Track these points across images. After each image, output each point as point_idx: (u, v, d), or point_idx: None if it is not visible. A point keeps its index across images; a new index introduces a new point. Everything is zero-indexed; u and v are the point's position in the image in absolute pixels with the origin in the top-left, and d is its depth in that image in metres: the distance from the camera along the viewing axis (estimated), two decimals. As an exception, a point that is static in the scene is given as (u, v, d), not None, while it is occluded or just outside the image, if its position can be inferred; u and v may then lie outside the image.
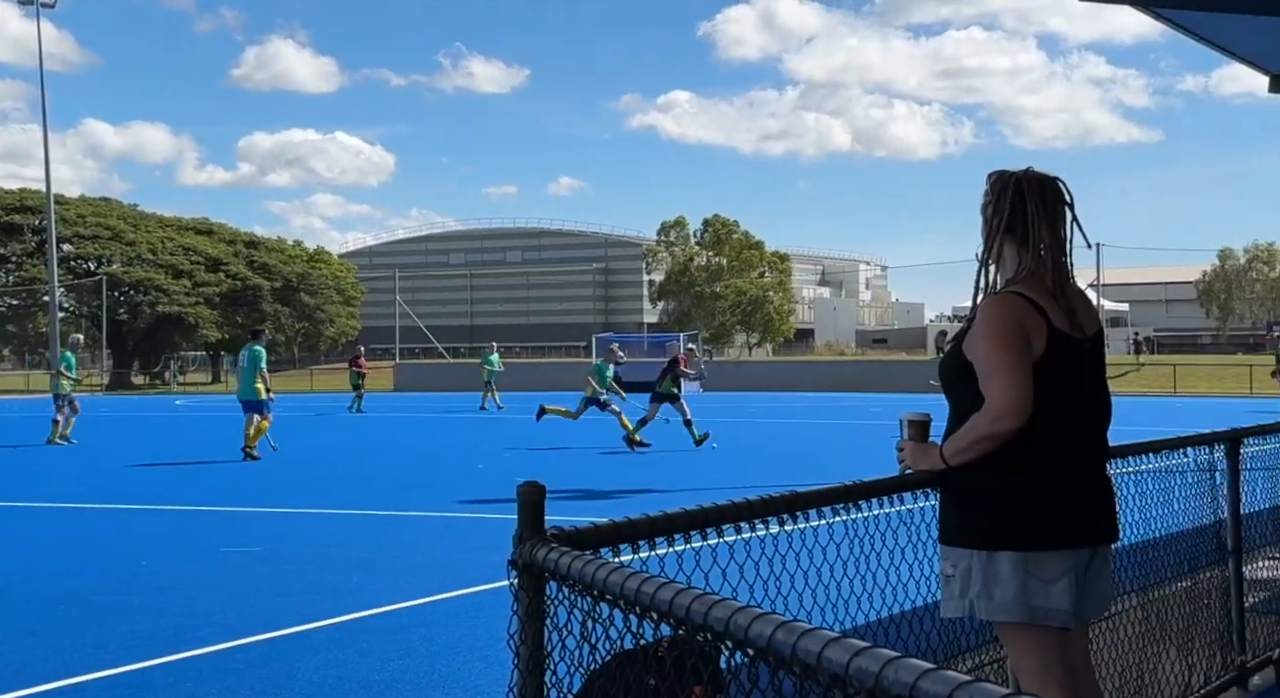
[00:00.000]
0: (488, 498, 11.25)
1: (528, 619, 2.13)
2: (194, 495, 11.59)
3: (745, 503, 2.62)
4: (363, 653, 5.34)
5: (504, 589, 6.73)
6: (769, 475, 12.98)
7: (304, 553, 8.07)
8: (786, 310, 78.37)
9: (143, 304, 58.33)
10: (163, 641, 5.57)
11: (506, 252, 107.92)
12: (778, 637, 1.38)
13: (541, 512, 2.20)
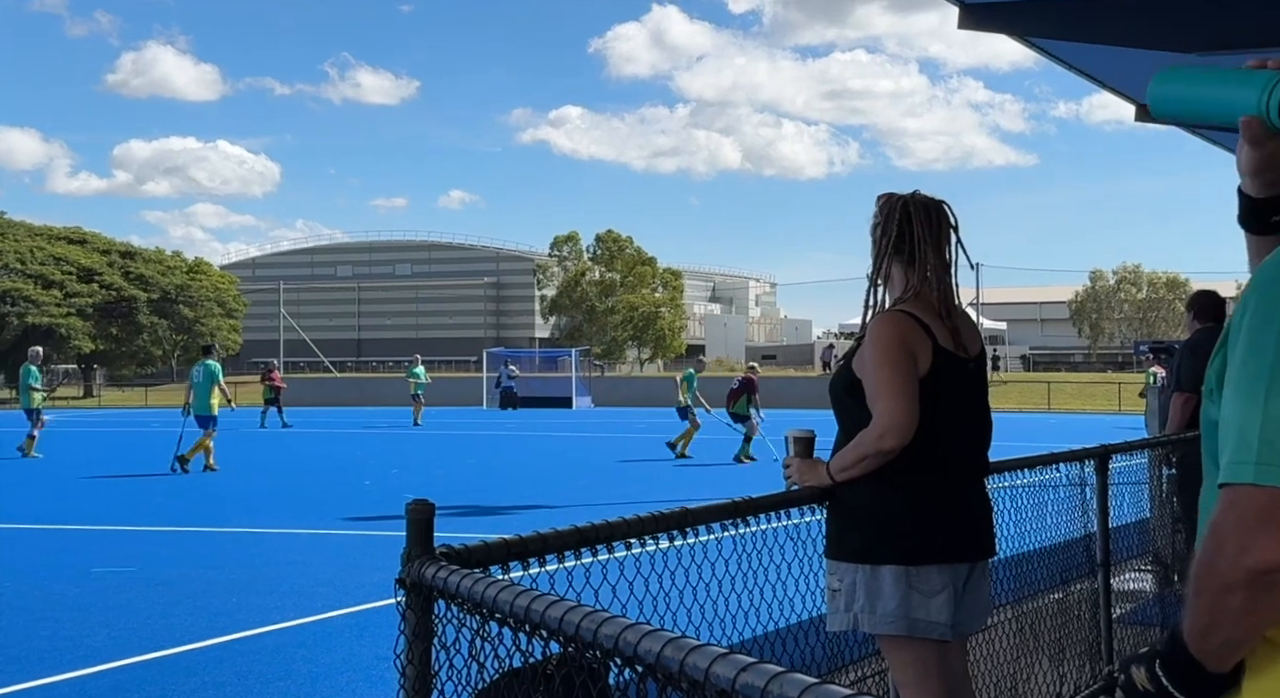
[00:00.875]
0: (374, 515, 11.06)
1: (415, 639, 2.11)
2: (67, 514, 11.13)
3: (636, 519, 2.63)
4: (240, 675, 5.19)
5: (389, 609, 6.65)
6: (657, 491, 13.04)
7: (181, 573, 7.82)
8: (678, 326, 78.99)
9: (10, 315, 55.89)
10: (24, 664, 5.33)
11: (396, 265, 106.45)
12: (666, 653, 1.39)
13: (430, 529, 2.18)
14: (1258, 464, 1.19)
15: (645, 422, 31.18)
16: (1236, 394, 1.25)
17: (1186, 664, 1.30)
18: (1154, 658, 1.33)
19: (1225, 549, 1.20)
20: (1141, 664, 1.35)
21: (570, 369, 45.27)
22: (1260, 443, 1.20)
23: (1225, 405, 1.28)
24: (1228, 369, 1.30)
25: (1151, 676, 1.33)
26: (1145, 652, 1.37)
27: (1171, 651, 1.31)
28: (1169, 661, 1.32)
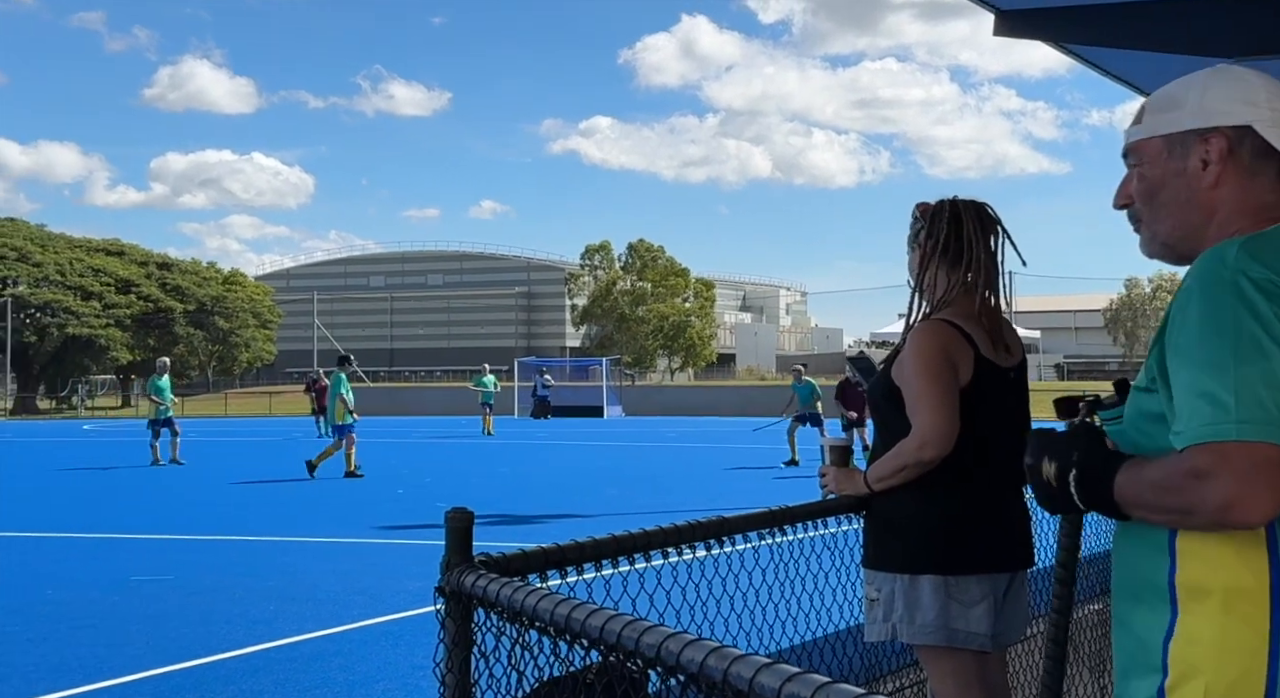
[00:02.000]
0: (408, 524, 11.10)
1: (454, 647, 2.11)
2: (105, 523, 11.25)
3: (674, 528, 2.63)
4: (278, 684, 5.22)
5: (425, 617, 6.67)
6: (691, 499, 13.02)
7: (219, 582, 7.88)
8: (708, 335, 78.91)
9: (50, 326, 56.67)
10: (66, 672, 5.38)
11: (428, 275, 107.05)
12: (709, 663, 1.38)
13: (469, 538, 2.18)
14: (1239, 422, 1.35)
15: (676, 431, 31.15)
16: (1199, 368, 1.41)
17: (1102, 496, 1.51)
18: (1070, 468, 1.54)
19: (1210, 495, 1.36)
20: (1054, 462, 1.56)
21: (601, 378, 45.32)
22: (1237, 403, 1.35)
23: (1182, 384, 1.42)
24: (1176, 355, 1.45)
25: (1061, 479, 1.55)
26: (1063, 450, 1.56)
27: (1097, 478, 1.51)
28: (1086, 479, 1.52)
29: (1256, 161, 1.57)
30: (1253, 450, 1.35)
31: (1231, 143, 1.57)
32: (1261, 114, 1.57)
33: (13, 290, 56.34)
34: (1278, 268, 1.44)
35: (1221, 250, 1.48)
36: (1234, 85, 1.60)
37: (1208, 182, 1.58)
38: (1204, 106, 1.59)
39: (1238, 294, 1.42)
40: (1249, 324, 1.40)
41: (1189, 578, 1.48)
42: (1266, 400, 1.36)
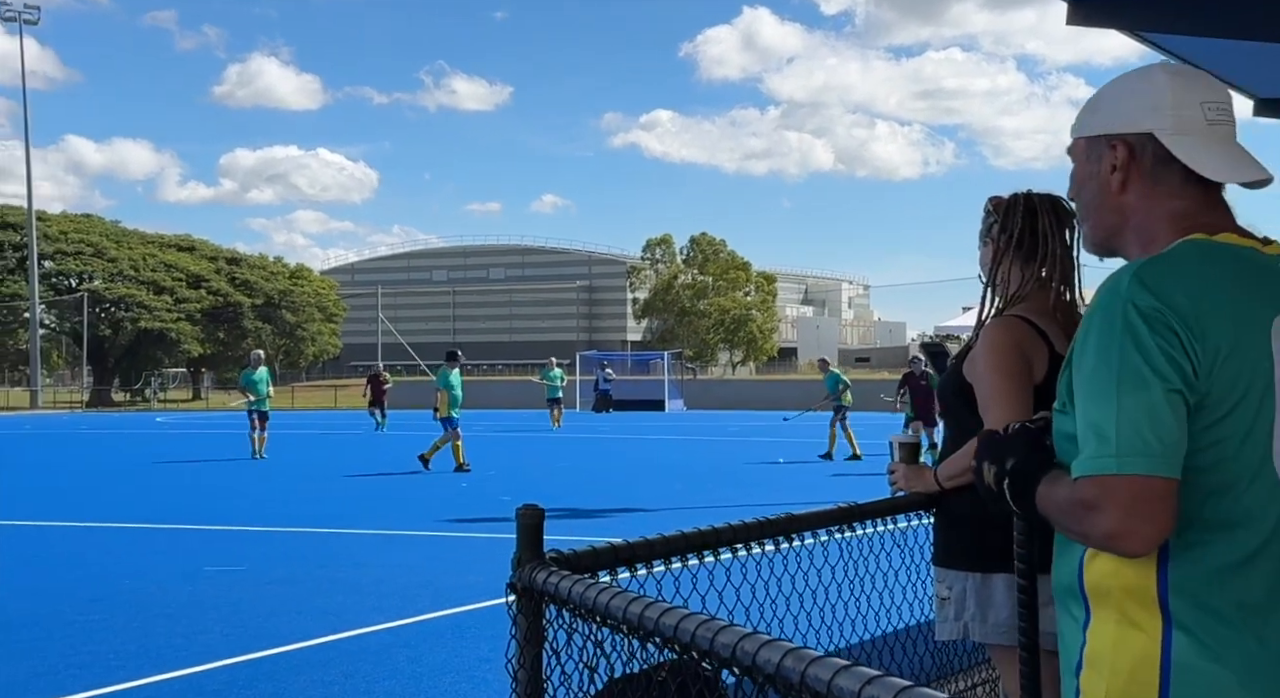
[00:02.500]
0: (472, 517, 11.21)
1: (526, 643, 2.12)
2: (178, 513, 11.50)
3: (742, 525, 2.62)
4: (347, 675, 5.30)
5: (489, 610, 6.72)
6: (754, 494, 12.98)
7: (289, 573, 8.02)
8: (770, 329, 78.55)
9: (124, 320, 58.02)
10: (145, 661, 5.51)
11: (490, 269, 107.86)
12: (786, 664, 1.38)
13: (540, 534, 2.19)
14: (1119, 456, 1.41)
15: (738, 425, 31.08)
16: (1089, 400, 1.47)
17: (1026, 500, 1.60)
18: (1004, 475, 1.64)
19: (1096, 525, 1.43)
20: (994, 466, 1.67)
21: (663, 372, 45.34)
22: (1118, 437, 1.42)
23: (1078, 413, 1.49)
24: (1075, 380, 1.51)
25: (998, 480, 1.66)
26: (1001, 454, 1.66)
27: (1022, 482, 1.61)
28: (1016, 485, 1.62)
29: (1158, 169, 1.59)
30: (1132, 484, 1.41)
31: (1134, 150, 1.60)
32: (1164, 121, 1.58)
33: (89, 285, 57.77)
34: (1165, 295, 1.46)
35: (1118, 277, 1.51)
36: (1142, 90, 1.61)
37: (1115, 187, 1.62)
38: (1114, 111, 1.62)
39: (1125, 325, 1.45)
40: (1132, 356, 1.44)
41: (1092, 581, 1.54)
42: (1147, 432, 1.41)
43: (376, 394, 28.54)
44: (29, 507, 12.34)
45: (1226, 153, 1.59)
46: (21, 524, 10.88)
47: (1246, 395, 1.46)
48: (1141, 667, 1.47)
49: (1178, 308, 1.45)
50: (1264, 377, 1.48)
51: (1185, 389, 1.43)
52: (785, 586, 2.86)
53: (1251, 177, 1.59)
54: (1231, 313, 1.47)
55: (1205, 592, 1.47)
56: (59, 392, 60.79)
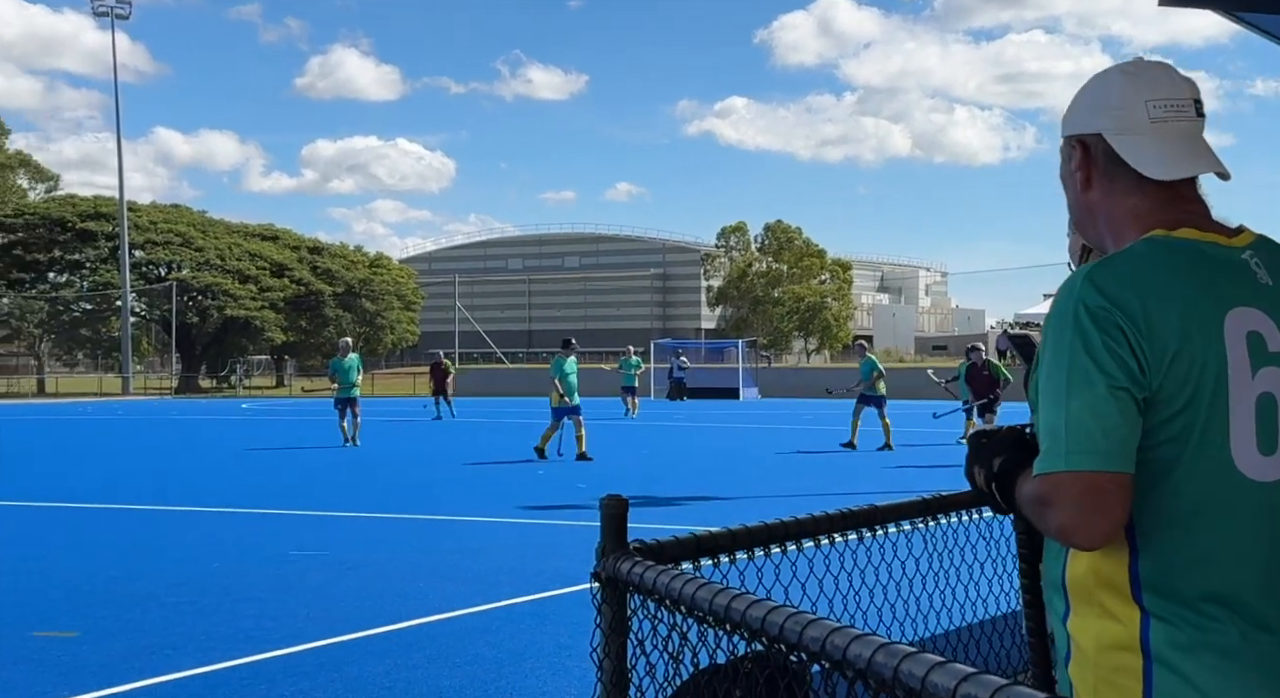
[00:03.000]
0: (548, 504, 11.30)
1: (611, 633, 2.13)
2: (262, 499, 11.78)
3: (825, 517, 2.60)
4: (430, 659, 5.38)
5: (568, 597, 6.77)
6: (831, 483, 12.89)
7: (368, 558, 8.16)
8: (845, 317, 77.84)
9: (210, 308, 59.44)
10: (235, 643, 5.66)
11: (564, 257, 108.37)
12: (877, 659, 1.36)
13: (624, 524, 2.20)
14: (1068, 453, 1.47)
15: (813, 413, 30.85)
16: (1045, 399, 1.54)
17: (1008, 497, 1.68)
18: (992, 477, 1.71)
19: (1049, 520, 1.51)
20: (983, 470, 1.73)
21: (737, 360, 45.19)
22: (1068, 435, 1.48)
23: (1040, 414, 1.56)
24: (1040, 384, 1.57)
25: (988, 482, 1.72)
26: (988, 456, 1.72)
27: (1004, 481, 1.68)
28: (1002, 486, 1.69)
29: (1111, 167, 1.65)
30: (1079, 480, 1.47)
31: (1089, 150, 1.67)
32: (1109, 121, 1.65)
33: (177, 274, 59.29)
34: (1114, 295, 1.51)
35: (1072, 280, 1.58)
36: (1095, 92, 1.69)
37: (1080, 185, 1.70)
38: (1075, 113, 1.71)
39: (1075, 325, 1.52)
40: (1080, 357, 1.50)
41: (1072, 576, 1.60)
42: (1093, 430, 1.47)
43: (439, 383, 28.39)
44: (123, 491, 12.72)
45: (1169, 149, 1.62)
46: (116, 508, 11.23)
47: (1198, 391, 1.50)
48: (1122, 657, 1.52)
49: (1125, 307, 1.50)
50: (1215, 371, 1.50)
51: (1132, 386, 1.48)
52: (868, 577, 2.83)
53: (1191, 171, 1.62)
54: (1182, 310, 1.51)
55: (1175, 583, 1.51)
56: (149, 378, 62.50)
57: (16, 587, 7.14)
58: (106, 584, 7.21)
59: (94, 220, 58.76)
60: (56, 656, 5.43)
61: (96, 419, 30.60)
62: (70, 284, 61.06)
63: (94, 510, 11.07)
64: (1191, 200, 1.64)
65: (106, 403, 44.31)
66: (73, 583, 7.24)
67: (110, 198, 60.09)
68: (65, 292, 60.65)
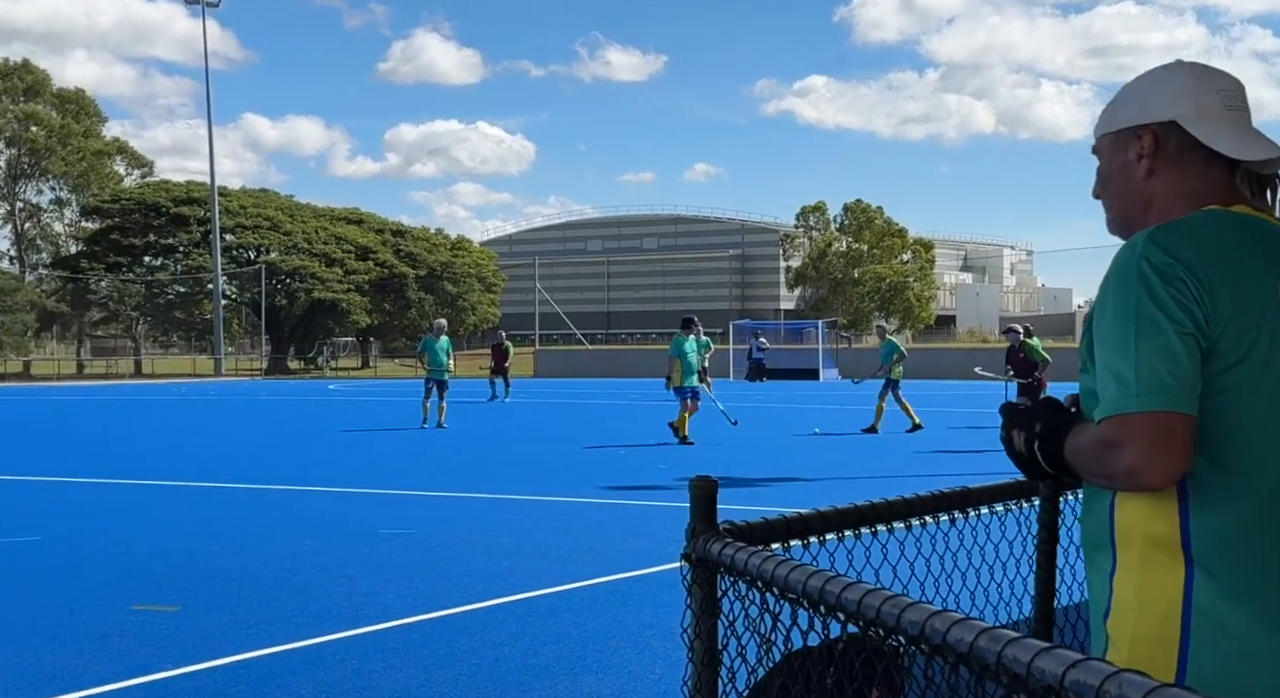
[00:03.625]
0: (629, 485, 11.35)
1: (702, 614, 2.13)
2: (351, 478, 12.02)
3: (916, 498, 2.57)
4: (516, 637, 5.44)
5: (650, 577, 6.77)
6: (915, 464, 12.75)
7: (454, 537, 8.29)
8: (927, 297, 76.71)
9: (298, 291, 60.70)
10: (328, 618, 5.79)
11: (643, 238, 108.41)
12: (980, 643, 1.34)
13: (714, 505, 2.20)
14: (1139, 395, 1.53)
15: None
16: (1109, 350, 1.59)
17: (1057, 458, 1.72)
18: (1034, 439, 1.74)
19: (1117, 463, 1.55)
20: (1022, 432, 1.77)
21: (817, 341, 44.84)
22: (1138, 378, 1.54)
23: (1100, 364, 1.61)
24: (1097, 337, 1.63)
25: (1029, 445, 1.76)
26: (1028, 422, 1.76)
27: (1056, 445, 1.71)
28: (1047, 447, 1.72)
29: (1182, 154, 1.73)
30: (1152, 419, 1.53)
31: (1159, 137, 1.74)
32: (1187, 110, 1.72)
33: (266, 258, 60.63)
34: (1175, 252, 1.59)
35: (1135, 239, 1.65)
36: (1165, 83, 1.77)
37: (1141, 174, 1.76)
38: (1140, 104, 1.77)
39: (1140, 278, 1.59)
40: (1147, 305, 1.57)
41: (1121, 530, 1.63)
42: (1163, 372, 1.54)
43: (499, 363, 27.78)
44: (218, 470, 13.08)
45: (1243, 135, 1.73)
46: (211, 486, 11.56)
47: (1254, 348, 1.58)
48: (1165, 610, 1.57)
49: (1188, 263, 1.58)
50: (1270, 337, 1.59)
51: (1197, 333, 1.56)
52: (960, 560, 2.79)
53: (1267, 154, 1.71)
54: (1238, 276, 1.59)
55: (1225, 537, 1.56)
56: (240, 359, 64.11)
57: (119, 561, 7.39)
58: (205, 560, 7.43)
59: (187, 205, 60.31)
60: (158, 629, 5.61)
61: (191, 400, 31.49)
62: (164, 267, 62.79)
63: (191, 489, 11.40)
64: (1239, 188, 1.74)
65: (200, 384, 45.56)
66: (172, 559, 7.47)
67: (202, 183, 61.59)
68: (160, 275, 62.40)
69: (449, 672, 4.85)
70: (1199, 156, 1.72)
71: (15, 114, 66.63)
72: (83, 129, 68.94)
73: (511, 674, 4.82)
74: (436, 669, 4.89)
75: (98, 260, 60.65)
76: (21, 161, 68.58)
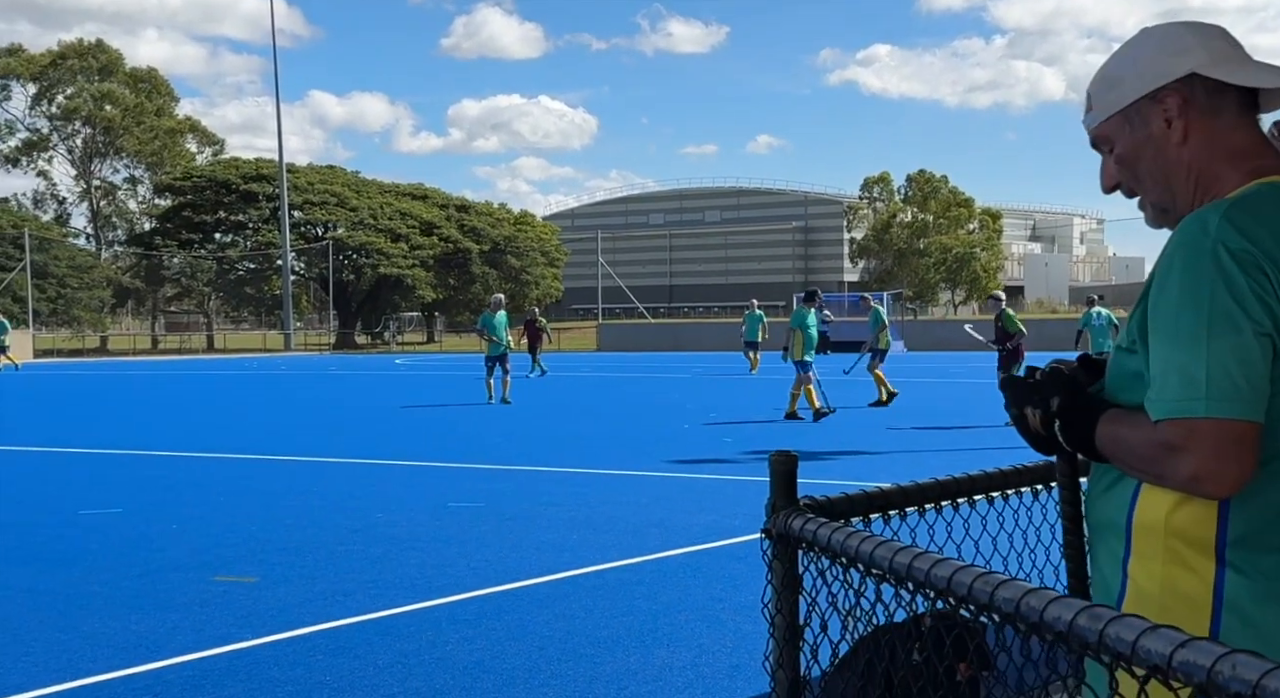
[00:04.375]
0: (694, 459, 11.35)
1: (783, 589, 2.12)
2: (420, 451, 12.17)
3: (999, 473, 2.53)
4: (587, 610, 5.48)
5: (720, 551, 6.76)
6: (984, 437, 12.58)
7: (523, 510, 8.35)
8: (994, 267, 75.54)
9: (364, 266, 61.48)
10: (401, 590, 5.88)
11: (705, 211, 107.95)
12: (1080, 622, 1.31)
13: (794, 480, 2.18)
14: (1208, 399, 1.42)
15: (961, 366, 30.16)
16: (1172, 340, 1.46)
17: (1085, 441, 1.60)
18: (1053, 416, 1.62)
19: (1179, 468, 1.44)
20: (1038, 410, 1.65)
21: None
22: (1208, 380, 1.42)
23: (1158, 353, 1.48)
24: (1155, 321, 1.50)
25: (1046, 424, 1.64)
26: (1042, 397, 1.64)
27: (1080, 422, 1.59)
28: (1068, 424, 1.61)
29: (1212, 101, 1.61)
30: (1220, 427, 1.42)
31: (1184, 95, 1.61)
32: (1198, 57, 1.61)
33: (333, 234, 61.45)
34: (1256, 238, 1.46)
35: (1205, 216, 1.51)
36: (1161, 42, 1.64)
37: (1175, 139, 1.62)
38: (1142, 73, 1.64)
39: (1216, 266, 1.45)
40: (1223, 298, 1.44)
41: (1142, 519, 1.55)
42: (1236, 376, 1.42)
43: (532, 340, 27.27)
44: (291, 443, 13.32)
45: (1262, 66, 1.63)
46: (285, 459, 11.78)
47: None
48: (1194, 604, 1.51)
49: (1267, 250, 1.46)
50: None
51: (1275, 333, 1.45)
52: (1044, 535, 2.75)
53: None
54: None
55: (1265, 535, 1.49)
56: (308, 334, 65.15)
57: (198, 534, 7.57)
58: (281, 532, 7.57)
59: (256, 182, 61.29)
60: (238, 600, 5.73)
61: (262, 374, 32.08)
62: (235, 244, 63.94)
63: (265, 462, 11.63)
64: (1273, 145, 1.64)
65: (270, 359, 46.40)
66: (249, 531, 7.63)
67: (270, 160, 62.52)
68: (230, 251, 63.53)
69: (521, 644, 4.90)
70: (1232, 101, 1.61)
71: (91, 93, 68.08)
72: (155, 108, 70.28)
73: (583, 648, 4.85)
74: (509, 642, 4.94)
75: (170, 237, 61.95)
76: (96, 140, 70.12)
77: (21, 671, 4.63)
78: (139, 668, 4.63)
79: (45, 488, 9.90)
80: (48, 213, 70.93)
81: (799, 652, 2.11)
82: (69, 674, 4.56)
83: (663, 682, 4.42)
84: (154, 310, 73.93)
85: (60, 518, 8.25)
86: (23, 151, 70.85)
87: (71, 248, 64.25)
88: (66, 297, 57.91)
